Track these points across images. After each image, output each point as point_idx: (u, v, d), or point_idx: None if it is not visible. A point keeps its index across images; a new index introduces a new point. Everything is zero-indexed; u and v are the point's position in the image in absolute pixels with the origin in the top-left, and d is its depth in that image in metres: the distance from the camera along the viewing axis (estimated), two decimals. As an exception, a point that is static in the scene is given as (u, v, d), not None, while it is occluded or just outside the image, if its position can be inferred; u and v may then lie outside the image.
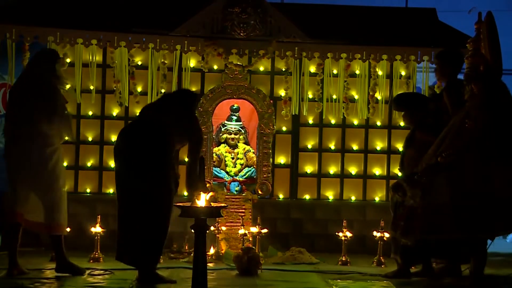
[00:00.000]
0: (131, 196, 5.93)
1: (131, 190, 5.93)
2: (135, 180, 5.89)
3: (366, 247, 8.02)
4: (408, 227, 6.35)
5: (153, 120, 6.11)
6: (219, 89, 8.24)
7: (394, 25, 8.65)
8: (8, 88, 9.03)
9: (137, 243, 5.89)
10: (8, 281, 5.99)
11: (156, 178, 5.90)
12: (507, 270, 7.07)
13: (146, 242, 5.89)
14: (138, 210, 5.88)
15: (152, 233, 5.90)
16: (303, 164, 8.59)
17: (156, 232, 5.92)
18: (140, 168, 5.89)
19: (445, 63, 6.66)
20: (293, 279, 6.45)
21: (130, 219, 5.92)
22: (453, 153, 6.10)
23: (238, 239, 7.54)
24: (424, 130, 6.69)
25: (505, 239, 10.39)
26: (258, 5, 8.14)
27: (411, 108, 6.83)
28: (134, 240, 5.90)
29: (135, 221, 5.89)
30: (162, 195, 5.92)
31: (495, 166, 6.04)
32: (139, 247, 5.89)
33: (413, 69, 8.53)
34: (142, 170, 5.88)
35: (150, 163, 5.89)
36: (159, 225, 5.92)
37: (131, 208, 5.92)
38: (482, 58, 6.15)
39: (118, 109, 8.37)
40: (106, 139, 8.39)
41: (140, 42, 8.09)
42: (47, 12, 8.07)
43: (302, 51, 8.24)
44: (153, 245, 5.94)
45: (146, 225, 5.87)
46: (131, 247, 5.92)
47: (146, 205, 5.86)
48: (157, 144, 5.95)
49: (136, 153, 5.91)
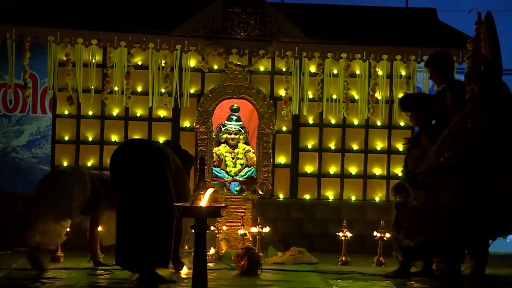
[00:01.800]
0: (132, 199, 5.93)
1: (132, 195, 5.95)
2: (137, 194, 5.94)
3: (366, 247, 8.03)
4: (412, 228, 6.35)
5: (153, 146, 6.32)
6: (219, 89, 8.24)
7: (394, 25, 8.65)
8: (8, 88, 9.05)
9: (139, 245, 5.86)
10: (8, 281, 6.00)
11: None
12: (507, 270, 7.06)
13: (149, 243, 5.86)
14: (141, 211, 5.88)
15: (155, 233, 5.88)
16: (303, 164, 8.59)
17: (159, 232, 5.91)
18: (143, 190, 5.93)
19: (440, 68, 6.67)
20: (293, 279, 6.45)
21: (131, 221, 5.90)
22: (456, 153, 6.10)
23: (238, 239, 7.54)
24: (429, 131, 6.69)
25: (505, 239, 10.38)
26: (258, 5, 8.14)
27: (418, 109, 6.81)
28: (136, 243, 5.87)
29: (137, 223, 5.87)
30: (164, 196, 5.94)
31: (498, 165, 6.04)
32: (142, 248, 5.85)
33: (413, 69, 8.53)
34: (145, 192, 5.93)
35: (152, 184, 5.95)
36: (163, 225, 5.92)
37: (133, 209, 5.91)
38: (483, 58, 6.15)
39: (118, 109, 8.37)
40: (106, 139, 8.38)
41: (140, 42, 8.08)
42: (47, 12, 8.07)
43: (302, 51, 8.24)
44: (157, 245, 5.91)
45: (149, 226, 5.86)
46: (133, 250, 5.89)
47: (149, 206, 5.87)
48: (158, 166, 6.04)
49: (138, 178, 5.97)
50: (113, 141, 8.33)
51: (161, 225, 5.92)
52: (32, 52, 8.01)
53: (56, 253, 7.00)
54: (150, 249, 5.86)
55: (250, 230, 7.49)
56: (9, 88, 8.93)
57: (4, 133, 10.39)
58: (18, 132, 10.42)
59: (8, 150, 10.38)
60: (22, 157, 10.39)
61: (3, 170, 10.20)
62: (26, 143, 10.41)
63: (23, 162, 10.36)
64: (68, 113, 8.30)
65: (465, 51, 6.56)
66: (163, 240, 5.95)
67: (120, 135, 8.37)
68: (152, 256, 5.89)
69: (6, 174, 10.18)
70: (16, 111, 10.37)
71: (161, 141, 7.98)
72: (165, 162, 6.10)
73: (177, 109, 8.36)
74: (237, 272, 6.67)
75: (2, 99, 10.27)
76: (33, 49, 8.06)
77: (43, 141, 10.39)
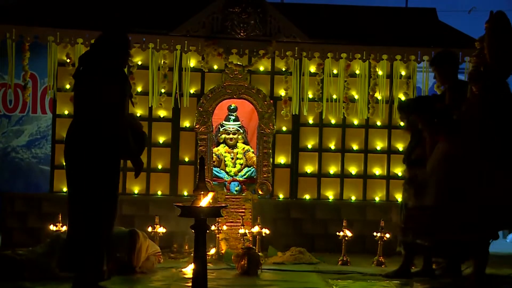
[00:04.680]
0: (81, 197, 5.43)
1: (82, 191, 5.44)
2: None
3: (366, 247, 8.02)
4: (406, 228, 6.38)
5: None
6: (219, 89, 8.24)
7: (394, 25, 8.65)
8: (8, 88, 9.04)
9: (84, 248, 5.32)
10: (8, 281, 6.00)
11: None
12: (507, 270, 7.06)
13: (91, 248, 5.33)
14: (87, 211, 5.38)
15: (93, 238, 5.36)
16: (303, 164, 8.59)
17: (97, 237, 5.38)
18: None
19: (444, 67, 6.66)
20: (293, 279, 6.45)
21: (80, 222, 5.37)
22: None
23: (238, 239, 7.54)
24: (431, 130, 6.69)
25: (505, 239, 10.38)
26: (258, 5, 8.14)
27: (415, 112, 6.80)
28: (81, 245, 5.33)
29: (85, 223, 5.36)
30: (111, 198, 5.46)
31: (487, 166, 6.04)
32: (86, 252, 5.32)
33: (413, 69, 8.53)
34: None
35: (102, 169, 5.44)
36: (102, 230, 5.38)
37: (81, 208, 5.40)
38: (484, 58, 6.14)
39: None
40: (106, 139, 8.37)
41: (140, 42, 8.08)
42: (47, 12, 8.07)
43: (302, 51, 8.24)
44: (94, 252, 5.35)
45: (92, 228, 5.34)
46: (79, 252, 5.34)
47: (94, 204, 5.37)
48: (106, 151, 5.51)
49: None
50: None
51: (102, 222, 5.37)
52: (32, 52, 8.02)
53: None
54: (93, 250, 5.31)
55: (250, 230, 7.50)
56: (9, 88, 8.92)
57: (4, 133, 10.38)
58: (18, 132, 10.41)
59: (8, 150, 10.38)
60: (22, 157, 10.38)
61: (3, 170, 10.20)
62: (26, 143, 10.40)
63: (23, 162, 10.35)
64: (68, 113, 8.28)
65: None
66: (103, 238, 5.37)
67: (120, 135, 8.36)
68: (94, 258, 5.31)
69: (6, 174, 10.18)
70: (16, 111, 10.37)
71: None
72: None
73: (177, 109, 8.37)
74: (237, 272, 6.67)
75: (2, 99, 10.26)
76: (33, 49, 8.06)
77: (43, 141, 10.38)
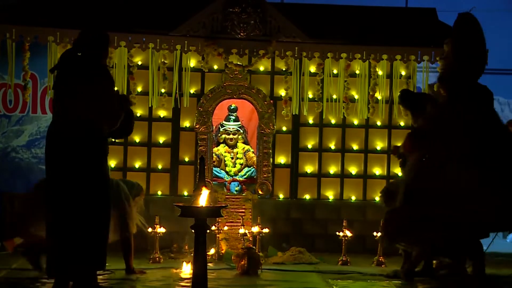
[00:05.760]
0: (67, 201, 5.33)
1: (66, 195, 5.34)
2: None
3: (366, 247, 8.03)
4: (385, 232, 6.57)
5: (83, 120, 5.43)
6: (219, 89, 8.24)
7: (394, 25, 8.65)
8: (8, 88, 9.03)
9: (78, 253, 5.33)
10: (8, 281, 6.00)
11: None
12: (507, 270, 7.07)
13: (89, 250, 5.35)
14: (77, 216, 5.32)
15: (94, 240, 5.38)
16: (303, 164, 8.59)
17: (98, 238, 5.41)
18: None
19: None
20: (293, 279, 6.46)
21: (66, 227, 5.33)
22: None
23: (238, 239, 7.54)
24: None
25: (505, 239, 10.38)
26: (258, 5, 8.14)
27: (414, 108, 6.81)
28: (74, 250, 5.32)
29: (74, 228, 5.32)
30: (102, 196, 5.43)
31: (455, 167, 6.06)
32: (81, 257, 5.33)
33: (413, 69, 8.54)
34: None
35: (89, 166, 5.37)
36: (101, 230, 5.42)
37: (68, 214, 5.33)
38: (450, 60, 6.16)
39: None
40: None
41: (140, 42, 8.08)
42: (47, 12, 8.06)
43: (302, 51, 8.24)
44: (96, 252, 5.39)
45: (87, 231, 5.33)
46: (70, 259, 5.33)
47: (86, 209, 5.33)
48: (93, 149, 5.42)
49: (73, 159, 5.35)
50: (114, 141, 8.31)
51: (96, 224, 5.39)
52: (32, 52, 8.01)
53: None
54: (85, 252, 5.34)
55: (250, 230, 7.50)
56: (9, 88, 8.91)
57: (4, 133, 10.36)
58: (18, 132, 10.39)
59: (8, 150, 10.36)
60: (22, 157, 10.37)
61: (3, 170, 10.19)
62: (26, 143, 10.38)
63: (23, 162, 10.33)
64: (68, 113, 8.29)
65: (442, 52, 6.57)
66: (99, 239, 5.42)
67: (120, 135, 8.37)
68: (87, 260, 5.35)
69: (6, 174, 10.16)
70: (16, 111, 10.34)
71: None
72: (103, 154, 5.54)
73: (177, 109, 8.37)
74: (237, 272, 6.68)
75: (2, 99, 10.23)
76: (33, 49, 8.05)
77: (43, 141, 10.35)
